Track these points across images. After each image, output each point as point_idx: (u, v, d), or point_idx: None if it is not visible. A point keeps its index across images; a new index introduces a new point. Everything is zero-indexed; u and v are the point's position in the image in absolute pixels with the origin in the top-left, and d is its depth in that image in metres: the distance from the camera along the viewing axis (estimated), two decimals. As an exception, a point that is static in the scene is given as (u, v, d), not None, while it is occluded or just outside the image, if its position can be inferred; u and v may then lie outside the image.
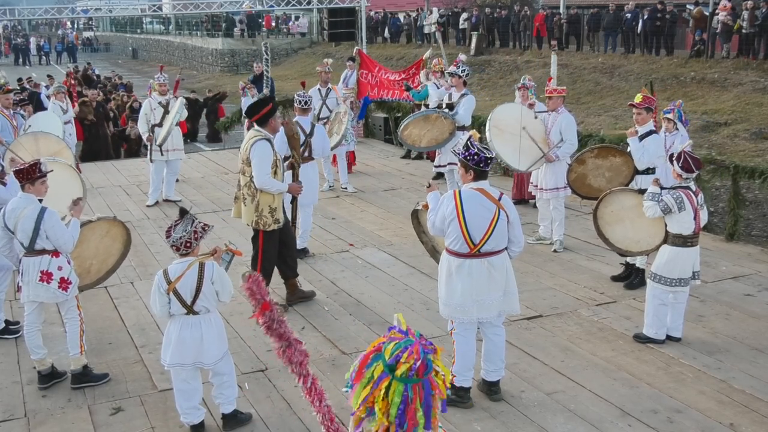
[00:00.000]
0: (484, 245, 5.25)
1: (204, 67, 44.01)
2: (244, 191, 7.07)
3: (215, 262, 5.15)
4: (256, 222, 7.09)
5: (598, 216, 7.04)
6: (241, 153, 7.15)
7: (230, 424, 5.28)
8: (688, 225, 6.15)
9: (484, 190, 5.27)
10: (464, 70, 10.13)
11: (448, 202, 5.30)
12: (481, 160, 5.20)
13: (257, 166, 6.88)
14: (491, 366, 5.55)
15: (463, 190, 5.34)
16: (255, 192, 6.98)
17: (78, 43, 63.49)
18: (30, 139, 9.41)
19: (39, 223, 5.64)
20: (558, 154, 8.56)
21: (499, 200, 5.27)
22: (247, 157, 6.94)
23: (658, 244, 6.40)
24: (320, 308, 7.37)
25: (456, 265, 5.34)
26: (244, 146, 7.05)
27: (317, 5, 22.79)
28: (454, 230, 5.26)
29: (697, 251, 6.29)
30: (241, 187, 7.13)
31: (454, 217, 5.23)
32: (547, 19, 27.99)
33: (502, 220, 5.24)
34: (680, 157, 6.16)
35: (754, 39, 21.24)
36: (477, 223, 5.21)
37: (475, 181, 5.28)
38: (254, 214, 7.05)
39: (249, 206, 7.06)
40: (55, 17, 32.94)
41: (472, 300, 5.30)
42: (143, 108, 11.53)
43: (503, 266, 5.37)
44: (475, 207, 5.22)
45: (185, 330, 5.02)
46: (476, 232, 5.22)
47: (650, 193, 6.35)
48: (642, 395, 5.57)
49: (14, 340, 6.81)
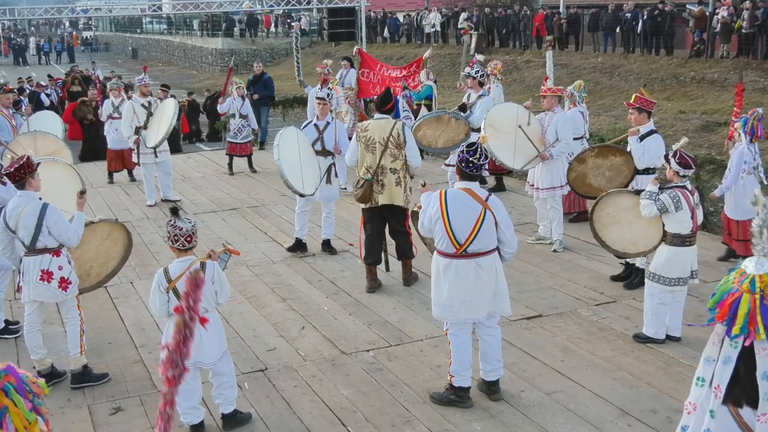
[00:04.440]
0: (470, 245, 5.24)
1: (204, 66, 44.02)
2: (400, 174, 7.53)
3: (216, 263, 5.15)
4: (405, 201, 7.62)
5: (594, 219, 7.03)
6: (378, 138, 7.48)
7: (230, 424, 5.28)
8: (686, 224, 6.15)
9: (470, 190, 5.28)
10: (478, 71, 10.12)
11: (434, 201, 5.34)
12: (462, 160, 5.25)
13: (413, 148, 7.61)
14: (488, 366, 5.56)
15: (449, 190, 5.39)
16: (407, 172, 7.59)
17: (77, 43, 63.49)
18: (29, 138, 9.42)
19: (41, 220, 5.63)
20: (553, 153, 8.56)
21: (486, 201, 5.26)
22: (402, 141, 7.47)
23: (655, 245, 6.39)
24: (320, 308, 7.38)
25: (443, 265, 5.35)
26: (388, 131, 7.46)
27: (317, 5, 22.78)
28: (439, 230, 5.29)
29: (695, 250, 6.30)
30: (396, 171, 7.52)
31: (438, 217, 5.26)
32: (547, 19, 27.99)
33: (488, 221, 5.22)
34: (676, 154, 6.16)
35: (754, 39, 21.23)
36: (461, 223, 5.21)
37: (462, 180, 5.32)
38: (404, 194, 7.60)
39: (403, 187, 7.59)
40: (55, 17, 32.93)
41: (459, 300, 5.30)
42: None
43: (492, 267, 5.34)
44: (459, 207, 5.24)
45: (185, 330, 5.01)
46: (461, 232, 5.22)
47: (648, 192, 6.36)
48: (642, 395, 5.57)
49: (14, 339, 6.81)
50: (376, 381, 5.90)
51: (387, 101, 7.79)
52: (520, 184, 10.96)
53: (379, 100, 7.94)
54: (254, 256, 8.92)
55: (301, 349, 6.51)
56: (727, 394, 3.14)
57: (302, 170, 8.42)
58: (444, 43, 33.26)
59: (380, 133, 7.52)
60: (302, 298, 7.64)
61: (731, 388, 3.14)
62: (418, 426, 5.26)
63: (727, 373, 3.14)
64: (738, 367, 3.13)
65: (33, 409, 2.30)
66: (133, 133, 11.06)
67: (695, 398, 3.32)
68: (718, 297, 3.11)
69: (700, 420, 3.24)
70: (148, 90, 11.33)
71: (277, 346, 6.56)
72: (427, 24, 33.82)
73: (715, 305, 3.12)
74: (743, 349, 3.11)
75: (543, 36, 28.27)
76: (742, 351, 3.11)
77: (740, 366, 3.12)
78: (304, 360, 6.31)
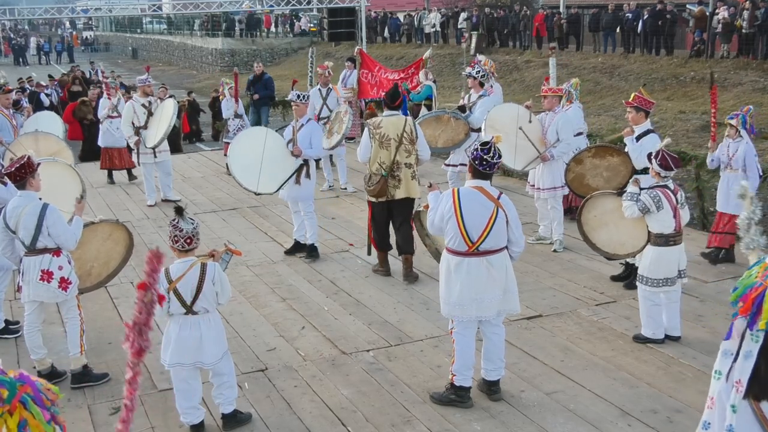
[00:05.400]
0: (483, 243, 5.27)
1: (204, 66, 44.02)
2: (415, 168, 7.89)
3: (217, 263, 5.15)
4: (419, 193, 7.92)
5: (582, 222, 7.03)
6: (393, 134, 7.74)
7: (230, 424, 5.28)
8: (668, 223, 6.14)
9: (483, 188, 5.31)
10: (479, 71, 10.11)
11: (447, 199, 5.35)
12: (477, 158, 5.26)
13: (424, 143, 7.97)
14: (491, 365, 5.56)
15: (461, 188, 5.40)
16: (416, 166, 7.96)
17: (77, 43, 63.49)
18: (30, 138, 9.42)
19: (41, 219, 5.63)
20: (554, 154, 8.56)
21: (498, 199, 5.30)
22: (415, 136, 7.82)
23: (642, 245, 6.39)
24: (320, 308, 7.38)
25: (455, 263, 5.36)
26: (401, 127, 7.75)
27: (317, 5, 22.79)
28: (452, 228, 5.29)
29: (681, 249, 6.28)
30: (410, 165, 7.83)
31: (451, 215, 5.27)
32: (547, 19, 27.98)
33: (500, 219, 5.27)
34: (658, 155, 6.16)
35: (754, 39, 21.23)
36: (474, 220, 5.24)
37: (474, 179, 5.33)
38: (418, 187, 7.93)
39: (417, 180, 7.94)
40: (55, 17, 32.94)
41: (470, 298, 5.32)
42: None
43: (502, 265, 5.38)
44: (472, 205, 5.26)
45: (185, 330, 5.02)
46: (474, 230, 5.24)
47: (629, 193, 6.36)
48: (642, 395, 5.57)
49: (14, 339, 6.81)
50: (376, 381, 5.90)
51: (395, 98, 7.98)
52: (521, 184, 10.96)
53: (387, 97, 8.11)
54: (254, 256, 8.92)
55: (301, 349, 6.51)
56: (749, 389, 3.15)
57: (262, 168, 8.50)
58: (444, 43, 33.27)
59: (394, 129, 7.77)
60: (302, 298, 7.65)
61: (752, 383, 3.14)
62: (418, 426, 5.26)
63: (749, 367, 3.15)
64: (759, 362, 3.13)
65: (51, 419, 2.23)
66: (133, 133, 11.05)
67: (712, 391, 3.33)
68: (741, 291, 3.10)
69: (722, 416, 3.25)
70: (151, 90, 11.31)
71: (277, 346, 6.57)
72: (427, 24, 33.82)
73: (737, 299, 3.12)
74: (764, 343, 3.11)
75: (543, 36, 28.31)
76: (763, 345, 3.12)
77: (761, 360, 3.13)
78: (304, 360, 6.31)
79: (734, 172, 7.98)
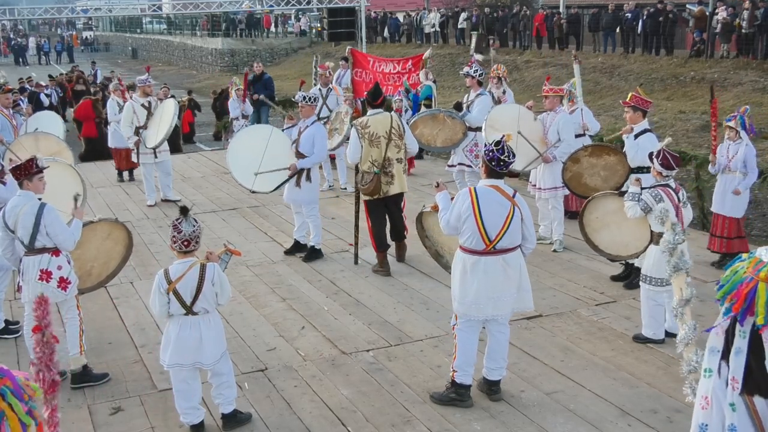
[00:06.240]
0: (500, 242, 5.29)
1: (204, 66, 44.03)
2: (405, 163, 8.20)
3: (216, 264, 5.14)
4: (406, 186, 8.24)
5: (584, 223, 7.02)
6: (381, 132, 7.91)
7: (230, 424, 5.28)
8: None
9: (498, 187, 5.34)
10: (477, 70, 10.10)
11: (464, 199, 5.34)
12: (493, 158, 5.27)
13: (411, 136, 8.24)
14: (493, 364, 5.56)
15: (478, 187, 5.40)
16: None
17: (77, 43, 63.48)
18: (30, 138, 9.42)
19: (39, 219, 5.64)
20: (555, 154, 8.55)
21: (513, 197, 5.33)
22: (403, 131, 8.04)
23: (646, 245, 6.39)
24: (320, 308, 7.38)
25: (471, 262, 5.35)
26: (389, 124, 7.93)
27: (317, 5, 22.80)
28: (470, 227, 5.29)
29: (684, 248, 6.27)
30: (401, 160, 8.07)
31: (470, 214, 5.27)
32: (547, 19, 28.00)
33: (516, 217, 5.30)
34: (659, 155, 6.16)
35: (754, 39, 21.23)
36: (493, 219, 5.25)
37: (489, 178, 5.36)
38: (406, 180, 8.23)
39: (406, 174, 8.24)
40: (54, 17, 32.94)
41: (486, 297, 5.32)
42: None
43: (517, 263, 5.40)
44: (490, 204, 5.28)
45: (184, 330, 5.02)
46: (492, 229, 5.26)
47: (630, 192, 6.36)
48: (642, 395, 5.57)
49: (14, 339, 6.80)
50: (376, 381, 5.90)
51: (377, 96, 8.10)
52: (522, 184, 10.96)
53: (370, 96, 8.19)
54: (254, 256, 8.92)
55: (301, 349, 6.51)
56: (744, 385, 3.15)
57: (262, 167, 8.49)
58: (444, 43, 33.27)
59: (382, 127, 7.91)
60: (302, 298, 7.65)
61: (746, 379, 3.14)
62: (418, 426, 5.26)
63: (741, 363, 3.14)
64: (748, 358, 3.13)
65: (29, 412, 2.31)
66: (132, 133, 11.03)
67: (705, 390, 3.32)
68: (730, 287, 3.09)
69: (720, 415, 3.24)
70: (151, 90, 11.32)
71: (277, 346, 6.57)
72: (427, 24, 33.83)
73: (725, 296, 3.11)
74: (751, 338, 3.11)
75: (543, 36, 28.32)
76: (750, 341, 3.11)
77: (750, 356, 3.13)
78: (304, 360, 6.31)
79: (732, 174, 7.98)
